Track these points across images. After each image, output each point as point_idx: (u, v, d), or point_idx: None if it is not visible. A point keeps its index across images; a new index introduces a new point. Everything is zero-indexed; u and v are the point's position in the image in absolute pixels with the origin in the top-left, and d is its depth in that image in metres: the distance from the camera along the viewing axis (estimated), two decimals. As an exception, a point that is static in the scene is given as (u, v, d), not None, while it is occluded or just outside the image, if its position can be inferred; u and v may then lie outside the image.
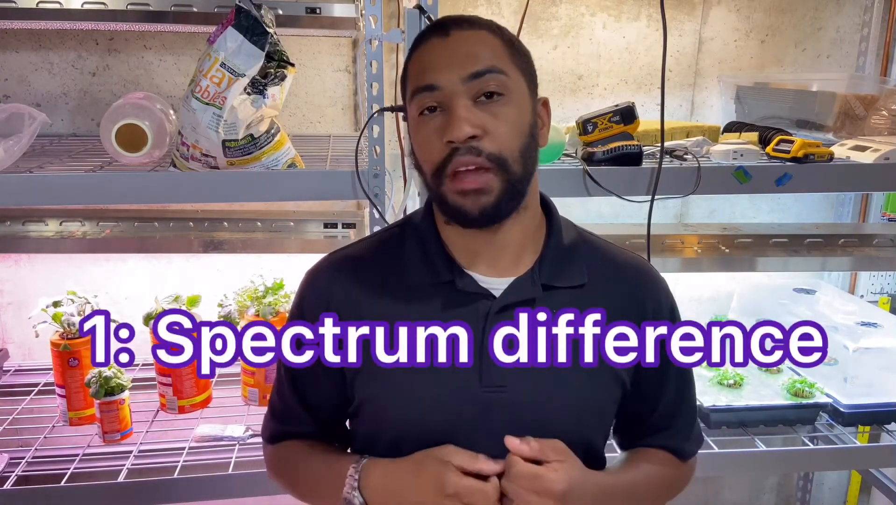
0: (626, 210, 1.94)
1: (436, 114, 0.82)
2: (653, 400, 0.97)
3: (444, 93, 0.81)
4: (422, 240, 0.91)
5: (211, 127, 1.18)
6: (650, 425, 0.99)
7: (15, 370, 1.79)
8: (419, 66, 0.84)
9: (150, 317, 1.54)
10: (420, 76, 0.82)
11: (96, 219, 1.70)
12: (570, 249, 0.92)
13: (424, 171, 0.85)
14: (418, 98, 0.83)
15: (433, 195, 0.86)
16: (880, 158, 1.34)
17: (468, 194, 0.81)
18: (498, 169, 0.80)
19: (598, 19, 1.82)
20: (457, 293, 0.87)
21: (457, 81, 0.80)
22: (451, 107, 0.80)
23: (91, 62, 1.69)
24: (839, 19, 1.91)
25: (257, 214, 1.74)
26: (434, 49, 0.83)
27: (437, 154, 0.81)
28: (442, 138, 0.80)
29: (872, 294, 2.05)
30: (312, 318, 0.90)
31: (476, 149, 0.79)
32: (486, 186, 0.80)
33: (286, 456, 0.98)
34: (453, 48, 0.82)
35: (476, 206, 0.81)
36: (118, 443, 1.48)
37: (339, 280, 0.92)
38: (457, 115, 0.79)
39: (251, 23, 1.15)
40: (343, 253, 0.96)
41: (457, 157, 0.80)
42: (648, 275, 0.97)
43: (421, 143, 0.84)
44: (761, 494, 2.32)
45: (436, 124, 0.82)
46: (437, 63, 0.82)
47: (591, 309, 0.88)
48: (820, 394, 1.57)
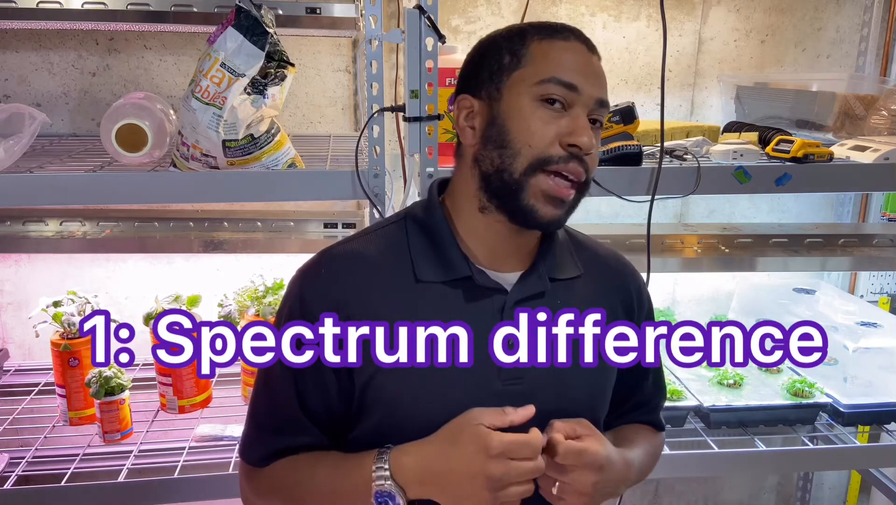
0: (626, 210, 1.94)
1: (556, 108, 0.83)
2: (637, 380, 1.03)
3: (580, 99, 0.83)
4: (430, 235, 0.90)
5: (211, 127, 1.18)
6: (634, 403, 1.05)
7: (15, 370, 1.79)
8: (561, 60, 0.84)
9: (150, 317, 1.54)
10: (562, 69, 0.83)
11: (96, 219, 1.70)
12: (562, 244, 0.96)
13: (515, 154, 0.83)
14: (551, 86, 0.82)
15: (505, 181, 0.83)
16: (880, 158, 1.34)
17: (552, 200, 0.83)
18: (580, 188, 0.85)
19: (598, 19, 1.82)
20: (470, 289, 0.88)
21: (594, 98, 0.84)
22: (580, 115, 0.83)
23: (91, 62, 1.69)
24: (839, 19, 1.91)
25: (257, 214, 1.74)
26: (581, 56, 0.85)
27: (548, 146, 0.82)
28: (560, 136, 0.82)
29: (872, 294, 2.05)
30: (315, 318, 0.85)
31: (585, 162, 0.83)
32: (569, 200, 0.84)
33: (285, 473, 0.89)
34: (596, 67, 0.86)
35: (550, 215, 0.84)
36: (118, 443, 1.48)
37: (343, 277, 0.87)
38: (587, 126, 0.83)
39: (251, 23, 1.15)
40: (343, 249, 0.91)
41: (573, 163, 0.82)
42: (628, 267, 1.03)
43: (532, 128, 0.83)
44: (761, 494, 2.32)
45: (557, 119, 0.82)
46: (585, 71, 0.84)
47: (590, 300, 0.94)
48: (820, 394, 1.57)
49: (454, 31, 1.77)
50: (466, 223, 0.90)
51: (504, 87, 0.85)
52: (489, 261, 0.90)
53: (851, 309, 1.83)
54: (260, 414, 0.92)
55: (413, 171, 1.31)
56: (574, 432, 0.84)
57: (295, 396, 0.88)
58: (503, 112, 0.85)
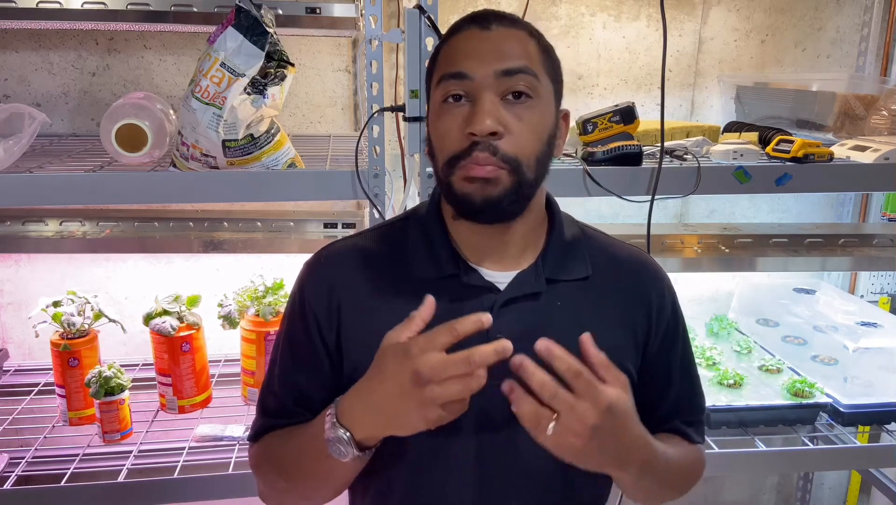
0: (626, 210, 1.94)
1: (461, 103, 0.81)
2: (658, 392, 0.96)
3: (474, 83, 0.80)
4: (427, 233, 0.90)
5: (211, 127, 1.18)
6: (659, 417, 0.96)
7: (15, 370, 1.79)
8: (452, 53, 0.83)
9: (150, 317, 1.54)
10: (451, 63, 0.82)
11: (96, 219, 1.70)
12: (572, 244, 0.92)
13: (437, 158, 0.84)
14: (445, 84, 0.81)
15: (441, 185, 0.85)
16: (880, 158, 1.34)
17: (475, 181, 0.80)
18: (511, 170, 0.80)
19: (598, 19, 1.82)
20: (462, 287, 0.87)
21: (489, 75, 0.80)
22: (478, 99, 0.80)
23: (91, 62, 1.69)
24: (839, 19, 1.91)
25: (257, 214, 1.74)
26: (471, 39, 0.82)
27: (455, 144, 0.81)
28: (463, 129, 0.80)
29: (872, 294, 2.05)
30: (314, 307, 0.89)
31: (493, 147, 0.79)
32: (495, 178, 0.80)
33: (271, 443, 0.92)
34: (491, 42, 0.81)
35: (481, 195, 0.80)
36: (118, 443, 1.48)
37: (343, 271, 0.90)
38: (482, 108, 0.79)
39: (251, 23, 1.15)
40: (346, 243, 0.94)
41: (475, 152, 0.79)
42: (651, 268, 0.97)
43: (440, 131, 0.83)
44: (761, 494, 2.32)
45: (460, 113, 0.81)
46: (473, 53, 0.81)
47: (599, 303, 0.90)
48: (820, 394, 1.57)
49: (454, 31, 1.77)
50: (453, 224, 0.90)
51: (431, 94, 0.86)
52: (481, 260, 0.89)
53: (851, 309, 1.83)
54: (261, 394, 0.96)
55: (413, 171, 1.31)
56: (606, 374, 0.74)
57: (285, 382, 0.92)
58: (429, 120, 0.86)
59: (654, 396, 0.96)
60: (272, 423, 0.93)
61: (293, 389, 0.91)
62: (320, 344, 0.89)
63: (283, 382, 0.92)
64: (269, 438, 0.93)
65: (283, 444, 0.90)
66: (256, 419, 0.96)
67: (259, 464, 0.94)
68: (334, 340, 0.89)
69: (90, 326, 1.54)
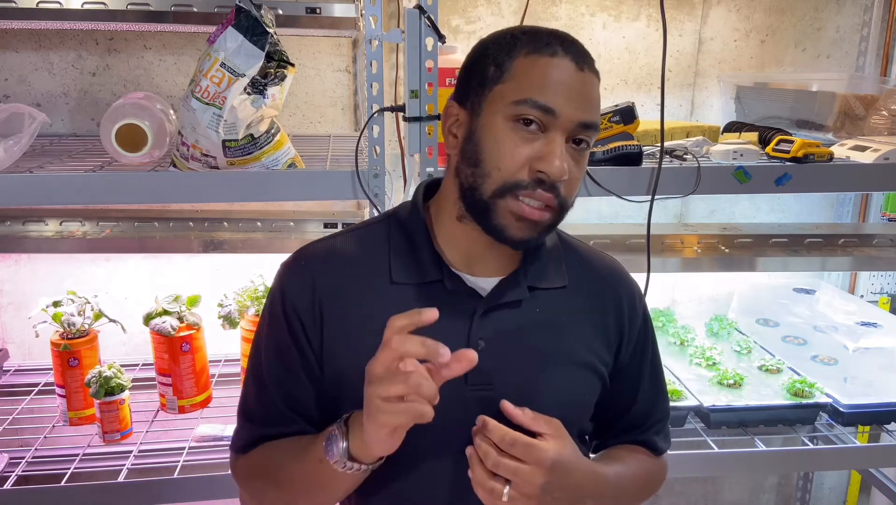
0: (626, 210, 1.94)
1: (531, 129, 0.80)
2: (629, 397, 0.99)
3: (557, 122, 0.79)
4: (409, 237, 0.90)
5: (211, 127, 1.18)
6: (626, 423, 1.01)
7: (15, 370, 1.79)
8: (543, 80, 0.80)
9: (150, 317, 1.54)
10: (541, 91, 0.79)
11: (96, 219, 1.70)
12: (551, 251, 0.94)
13: (484, 173, 0.82)
14: (525, 108, 0.79)
15: (476, 198, 0.83)
16: (880, 158, 1.34)
17: (523, 221, 0.81)
18: (559, 211, 0.83)
19: (598, 19, 1.82)
20: (444, 293, 0.87)
21: (574, 121, 0.80)
22: (555, 139, 0.80)
23: (91, 62, 1.69)
24: (839, 19, 1.91)
25: (257, 214, 1.74)
26: (565, 73, 0.80)
27: (517, 171, 0.80)
28: (531, 160, 0.79)
29: (872, 294, 2.06)
30: (297, 307, 0.87)
31: (556, 189, 0.80)
32: (542, 221, 0.82)
33: (265, 455, 0.90)
34: (582, 86, 0.81)
35: (523, 234, 0.82)
36: (118, 443, 1.48)
37: (323, 272, 0.89)
38: (559, 151, 0.79)
39: (251, 23, 1.15)
40: (324, 245, 0.92)
41: (540, 190, 0.80)
42: (624, 278, 0.99)
43: (502, 150, 0.80)
44: (761, 494, 2.33)
45: (529, 141, 0.80)
46: (565, 92, 0.79)
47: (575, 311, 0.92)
48: (820, 394, 1.57)
49: (454, 31, 1.77)
50: (446, 227, 0.89)
51: (485, 102, 0.83)
52: (466, 266, 0.89)
53: (851, 309, 1.83)
54: (244, 404, 0.95)
55: (413, 171, 1.31)
56: (537, 427, 0.81)
57: (275, 388, 0.90)
58: (480, 128, 0.83)
59: (624, 403, 0.99)
60: (262, 432, 0.91)
61: (286, 395, 0.89)
62: (306, 344, 0.88)
63: (273, 388, 0.90)
64: (261, 452, 0.91)
65: (282, 465, 0.88)
66: (242, 429, 0.94)
67: (250, 477, 0.93)
68: (318, 339, 0.87)
69: (90, 326, 1.54)
